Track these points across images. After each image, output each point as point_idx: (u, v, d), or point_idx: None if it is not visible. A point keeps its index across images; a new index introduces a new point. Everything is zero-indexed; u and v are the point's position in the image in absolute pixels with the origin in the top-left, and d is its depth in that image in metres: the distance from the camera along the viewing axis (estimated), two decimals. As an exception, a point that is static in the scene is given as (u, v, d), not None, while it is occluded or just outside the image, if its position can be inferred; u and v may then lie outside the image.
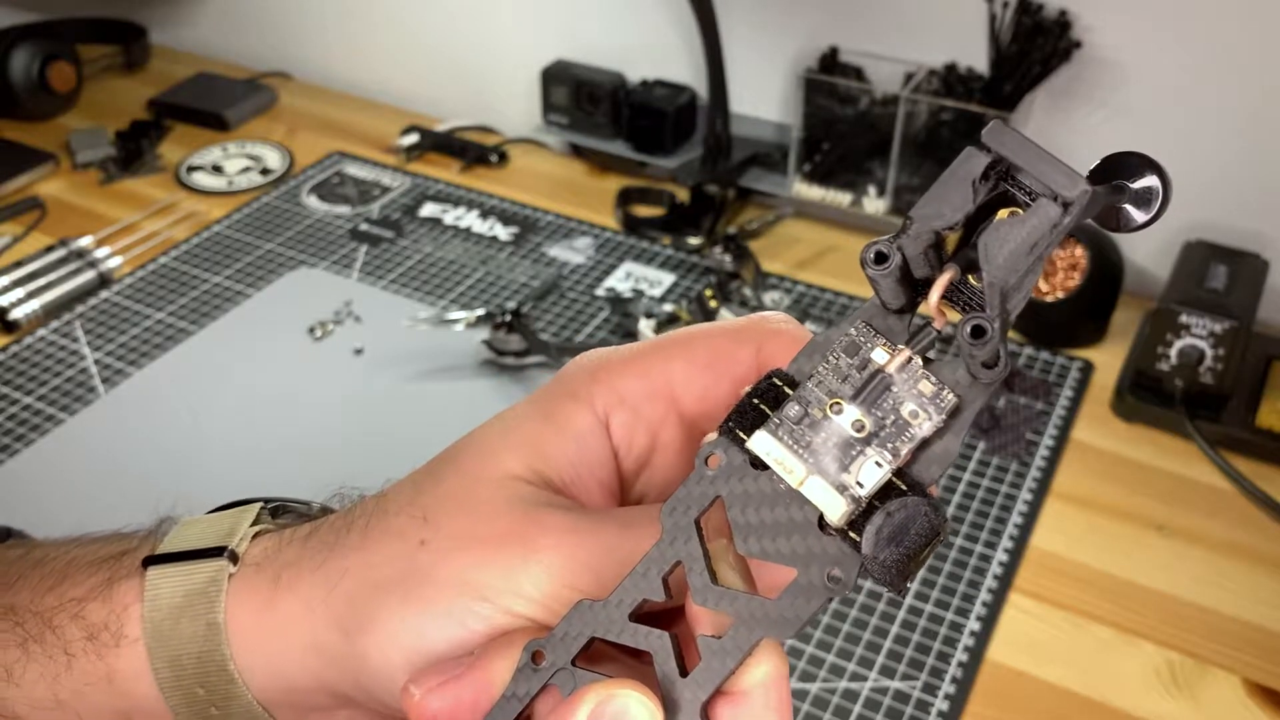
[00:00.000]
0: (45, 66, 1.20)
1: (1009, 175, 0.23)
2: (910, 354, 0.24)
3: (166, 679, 0.29)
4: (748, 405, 0.24)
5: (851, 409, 0.24)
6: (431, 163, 1.18)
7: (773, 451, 0.24)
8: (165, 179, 1.15)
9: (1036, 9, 0.92)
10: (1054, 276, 0.90)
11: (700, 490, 0.24)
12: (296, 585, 0.29)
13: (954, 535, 0.75)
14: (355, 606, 0.28)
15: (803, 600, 0.24)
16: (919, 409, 0.24)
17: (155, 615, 0.29)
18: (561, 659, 0.25)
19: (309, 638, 0.28)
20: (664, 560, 0.25)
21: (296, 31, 1.35)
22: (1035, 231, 0.22)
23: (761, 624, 0.24)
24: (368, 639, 0.27)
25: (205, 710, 0.29)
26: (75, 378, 0.88)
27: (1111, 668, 0.67)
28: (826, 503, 0.23)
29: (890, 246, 0.23)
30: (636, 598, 0.25)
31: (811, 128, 1.03)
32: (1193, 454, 0.81)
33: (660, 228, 1.06)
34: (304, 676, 0.29)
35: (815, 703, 0.64)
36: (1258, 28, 0.87)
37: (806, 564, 0.24)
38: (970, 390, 0.24)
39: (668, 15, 1.10)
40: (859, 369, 0.24)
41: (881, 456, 0.23)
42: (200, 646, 0.29)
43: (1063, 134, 0.97)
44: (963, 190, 0.22)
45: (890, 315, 0.24)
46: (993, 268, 0.22)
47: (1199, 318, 0.81)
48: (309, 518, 0.33)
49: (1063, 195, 0.22)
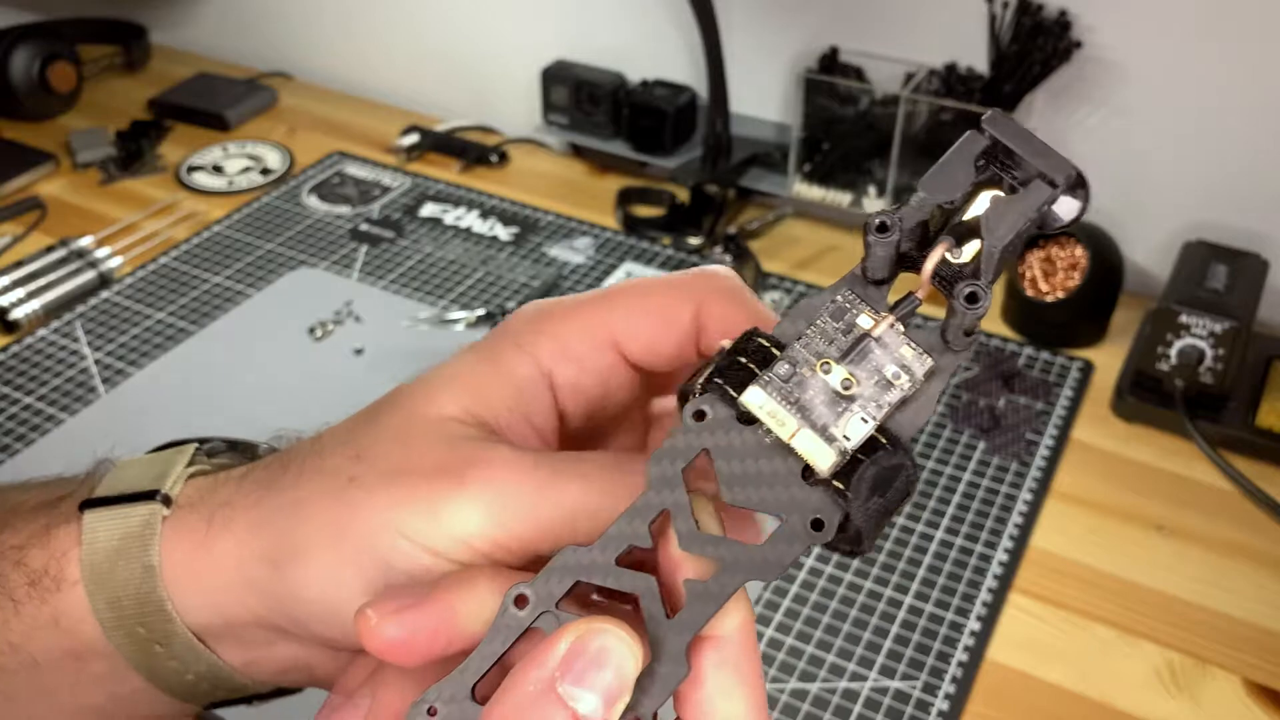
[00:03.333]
0: (46, 66, 1.20)
1: (1001, 160, 0.25)
2: (894, 320, 0.26)
3: (108, 619, 0.29)
4: (735, 364, 0.25)
5: (839, 369, 0.25)
6: (432, 163, 1.18)
7: (765, 405, 0.25)
8: (165, 179, 1.15)
9: (1036, 9, 0.92)
10: (1054, 276, 0.90)
11: (686, 442, 0.25)
12: (231, 524, 0.29)
13: (954, 535, 0.75)
14: (285, 542, 0.28)
15: (785, 546, 0.25)
16: (900, 370, 0.25)
17: (93, 559, 0.30)
18: (545, 602, 0.25)
19: (242, 574, 0.29)
20: (650, 508, 0.25)
21: (297, 31, 1.35)
22: (1030, 208, 0.24)
23: (745, 568, 0.25)
24: (298, 573, 0.28)
25: (149, 648, 0.30)
26: (75, 378, 0.88)
27: (1112, 668, 0.67)
28: (816, 453, 0.25)
29: (893, 217, 0.25)
30: (622, 544, 0.25)
31: (811, 128, 1.03)
32: (1193, 454, 0.81)
33: (660, 228, 1.06)
34: (241, 612, 0.29)
35: (815, 702, 0.64)
36: (1257, 28, 0.87)
37: (790, 512, 0.25)
38: (945, 356, 0.25)
39: (668, 15, 1.10)
40: (845, 333, 0.26)
41: (866, 413, 0.25)
42: (138, 588, 0.29)
43: (1063, 134, 0.97)
44: (965, 169, 0.25)
45: (870, 285, 0.26)
46: (993, 238, 0.24)
47: (1199, 318, 0.81)
48: (251, 457, 0.33)
49: (1054, 178, 0.24)
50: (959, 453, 0.81)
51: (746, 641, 0.26)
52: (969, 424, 0.84)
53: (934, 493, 0.78)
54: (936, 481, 0.79)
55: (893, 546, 0.74)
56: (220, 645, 0.30)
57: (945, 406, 0.85)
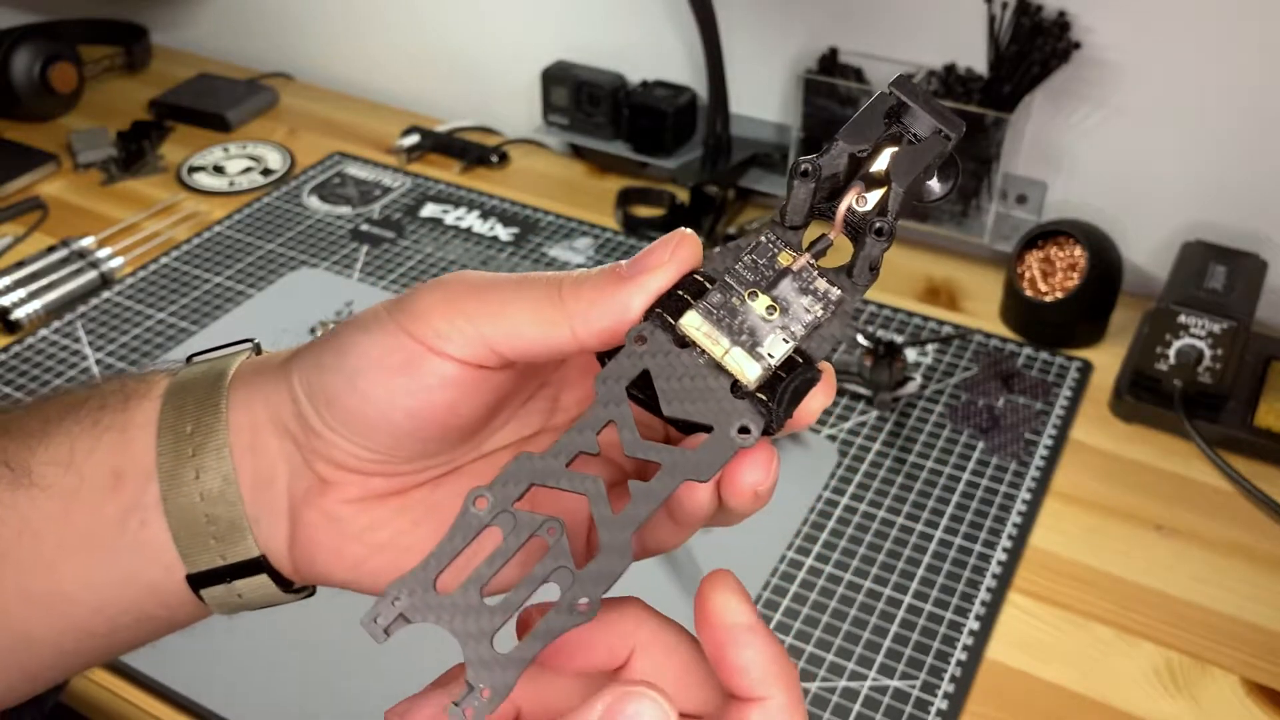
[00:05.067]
0: (47, 67, 1.20)
1: (903, 119, 0.29)
2: (809, 258, 0.30)
3: (167, 413, 0.34)
4: (673, 295, 0.29)
5: (764, 297, 0.29)
6: (432, 163, 1.18)
7: (702, 327, 0.29)
8: (166, 179, 1.15)
9: (1035, 10, 0.92)
10: (1053, 276, 0.91)
11: (630, 363, 0.29)
12: (282, 354, 0.35)
13: (953, 535, 0.75)
14: (331, 342, 0.33)
15: (718, 450, 0.28)
16: (814, 300, 0.29)
17: (182, 377, 0.35)
18: (503, 503, 0.28)
19: (288, 367, 0.34)
20: (598, 421, 0.29)
21: (298, 32, 1.35)
22: (927, 155, 0.29)
23: (683, 469, 0.28)
24: (344, 343, 0.33)
25: (184, 451, 0.33)
26: (76, 378, 0.88)
27: (1110, 667, 0.67)
28: (746, 368, 0.28)
29: (815, 163, 0.29)
30: (573, 450, 0.29)
31: (811, 128, 1.03)
32: (1191, 454, 0.81)
33: (660, 228, 1.06)
34: (280, 404, 0.34)
35: (815, 702, 0.65)
36: (1256, 28, 0.87)
37: (720, 420, 0.28)
38: (851, 289, 0.30)
39: (668, 15, 1.11)
40: (768, 268, 0.30)
41: (787, 334, 0.29)
42: (204, 395, 0.34)
43: (1062, 134, 0.98)
44: (875, 123, 0.29)
45: (789, 230, 0.30)
46: (899, 177, 0.29)
47: (1198, 318, 0.81)
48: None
49: (948, 131, 0.29)
50: (958, 452, 0.82)
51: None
52: (968, 424, 0.84)
53: (933, 492, 0.78)
54: (936, 481, 0.79)
55: (892, 546, 0.74)
56: (242, 461, 0.33)
57: (944, 406, 0.85)
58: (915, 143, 0.29)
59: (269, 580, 0.34)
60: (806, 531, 0.75)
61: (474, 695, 0.27)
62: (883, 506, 0.77)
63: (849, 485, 0.79)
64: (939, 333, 0.93)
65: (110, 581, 0.34)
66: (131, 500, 0.34)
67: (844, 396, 0.86)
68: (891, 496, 0.78)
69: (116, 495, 0.34)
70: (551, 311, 0.30)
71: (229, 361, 0.35)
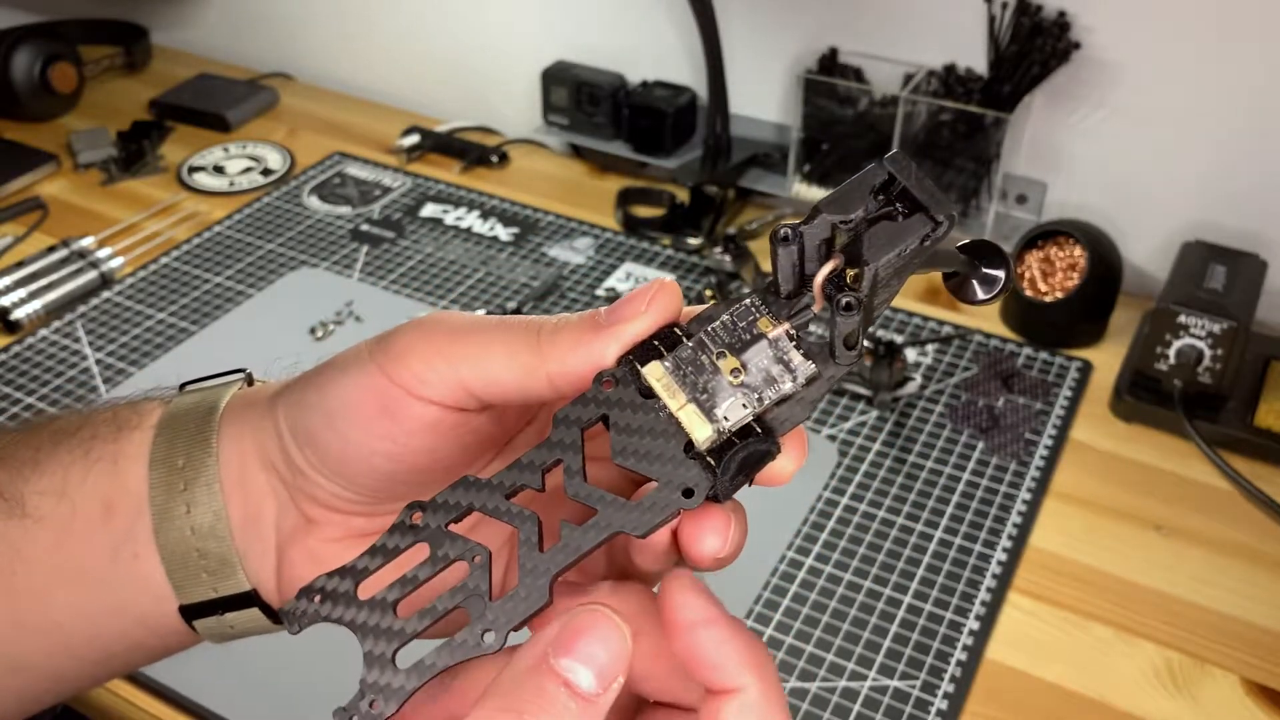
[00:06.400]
0: (47, 67, 1.20)
1: (895, 196, 0.28)
2: (788, 327, 0.29)
3: (159, 446, 0.34)
4: (648, 344, 0.29)
5: (731, 359, 0.28)
6: (432, 163, 1.18)
7: (662, 379, 0.28)
8: (167, 179, 1.15)
9: (1035, 10, 0.92)
10: (1053, 276, 0.91)
11: (591, 409, 0.29)
12: (271, 388, 0.35)
13: (953, 535, 0.75)
14: (313, 379, 0.34)
15: (659, 508, 0.28)
16: (785, 371, 0.28)
17: (173, 408, 0.35)
18: (438, 520, 0.28)
19: (275, 402, 0.34)
20: (546, 458, 0.28)
21: (298, 33, 1.35)
22: (909, 235, 0.27)
23: (619, 521, 0.28)
24: (325, 382, 0.33)
25: (175, 484, 0.34)
26: (77, 378, 0.88)
27: (1110, 667, 0.67)
28: (696, 427, 0.28)
29: (795, 230, 0.28)
30: (516, 482, 0.28)
31: (811, 128, 1.03)
32: (1191, 454, 0.81)
33: (660, 228, 1.06)
34: (266, 440, 0.34)
35: (815, 702, 0.65)
36: (1256, 28, 0.87)
37: (667, 480, 0.28)
38: (828, 367, 0.28)
39: (668, 16, 1.11)
40: (745, 332, 0.29)
41: (748, 400, 0.28)
42: (197, 429, 0.34)
43: (1061, 134, 0.98)
44: (861, 195, 0.28)
45: (778, 300, 0.29)
46: (872, 253, 0.27)
47: (1197, 318, 0.81)
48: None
49: (935, 215, 0.27)
50: (958, 452, 0.82)
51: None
52: (968, 424, 0.84)
53: (933, 492, 0.78)
54: (936, 481, 0.79)
55: (892, 546, 0.74)
56: (232, 496, 0.34)
57: (944, 406, 0.85)
58: (896, 222, 0.28)
59: (260, 613, 0.35)
60: (806, 531, 0.75)
61: (363, 703, 0.27)
62: (883, 506, 0.77)
63: (849, 485, 0.79)
64: (939, 333, 0.93)
65: (102, 611, 0.34)
66: (123, 532, 0.34)
67: (844, 396, 0.86)
68: (891, 496, 0.78)
69: (108, 526, 0.34)
70: (528, 357, 0.30)
71: (220, 393, 0.36)
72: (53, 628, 0.34)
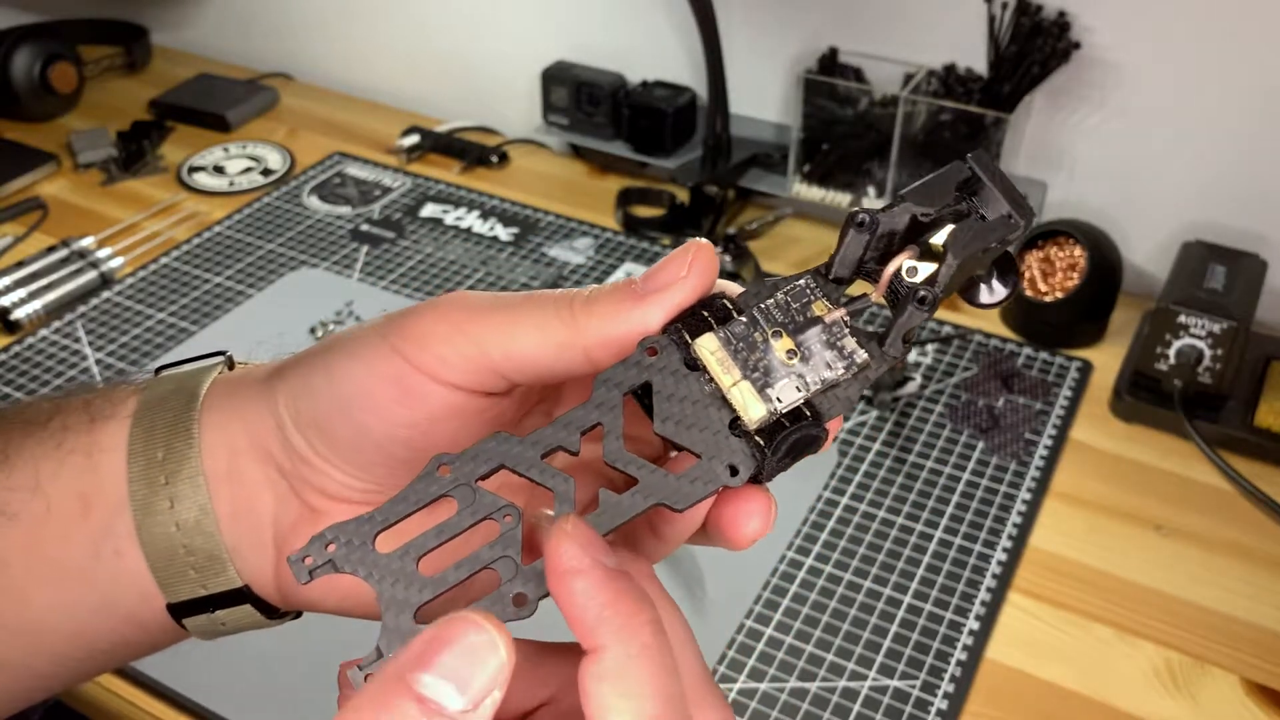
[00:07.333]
0: (47, 67, 1.20)
1: (973, 194, 0.28)
2: (844, 313, 0.28)
3: (136, 439, 0.32)
4: (697, 314, 0.28)
5: (787, 340, 0.28)
6: (432, 163, 1.18)
7: (716, 352, 0.27)
8: (167, 179, 1.15)
9: (1035, 10, 0.92)
10: (1053, 276, 0.91)
11: (634, 373, 0.28)
12: (259, 371, 0.34)
13: (953, 535, 0.75)
14: (316, 358, 0.32)
15: (700, 483, 0.27)
16: (838, 356, 0.28)
17: (150, 396, 0.34)
18: (466, 476, 0.27)
19: (268, 384, 0.32)
20: (586, 420, 0.27)
21: (298, 33, 1.35)
22: (991, 234, 0.27)
23: (660, 492, 0.27)
24: (331, 361, 0.31)
25: (156, 479, 0.32)
26: (77, 378, 0.88)
27: (1110, 667, 0.67)
28: (750, 405, 0.27)
29: (874, 216, 0.28)
30: (553, 443, 0.27)
31: (811, 128, 1.03)
32: (1191, 454, 0.81)
33: (660, 228, 1.06)
34: (259, 428, 0.32)
35: (815, 702, 0.65)
36: (1256, 28, 0.87)
37: (711, 455, 0.27)
38: (878, 357, 0.28)
39: (668, 16, 1.11)
40: (800, 313, 0.28)
41: (801, 384, 0.28)
42: (176, 417, 0.32)
43: (1062, 134, 0.98)
44: (945, 190, 0.28)
45: (830, 282, 0.29)
46: (956, 251, 0.27)
47: (1197, 318, 0.81)
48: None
49: (1017, 217, 0.27)
50: (958, 452, 0.82)
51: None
52: (968, 424, 0.84)
53: (933, 492, 0.78)
54: (936, 481, 0.79)
55: (892, 546, 0.74)
56: (219, 489, 0.32)
57: (944, 406, 0.85)
58: (981, 220, 0.28)
59: (253, 610, 0.33)
60: (806, 531, 0.75)
61: (380, 662, 0.26)
62: (883, 506, 0.77)
63: (849, 485, 0.79)
64: (939, 333, 0.93)
65: (86, 609, 0.33)
66: (103, 528, 0.32)
67: (844, 396, 0.86)
68: (891, 496, 0.78)
69: (86, 522, 0.32)
70: (563, 331, 0.28)
71: (200, 378, 0.34)
72: (34, 626, 0.33)
